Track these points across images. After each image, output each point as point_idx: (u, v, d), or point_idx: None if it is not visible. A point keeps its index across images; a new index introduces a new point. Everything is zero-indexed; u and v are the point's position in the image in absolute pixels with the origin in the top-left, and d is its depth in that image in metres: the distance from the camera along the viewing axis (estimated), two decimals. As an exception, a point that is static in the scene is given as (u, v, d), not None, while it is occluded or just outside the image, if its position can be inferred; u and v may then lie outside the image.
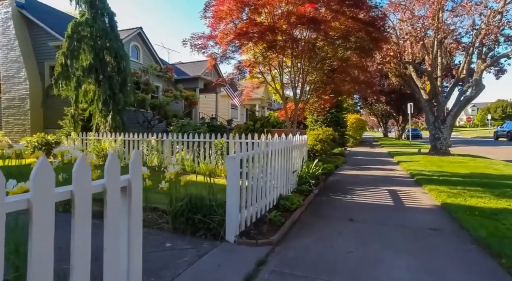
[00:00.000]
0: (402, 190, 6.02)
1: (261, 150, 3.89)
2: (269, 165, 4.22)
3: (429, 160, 10.97)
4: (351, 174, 8.19)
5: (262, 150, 3.96)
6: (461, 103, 12.55)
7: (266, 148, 4.11)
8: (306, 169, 6.02)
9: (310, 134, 10.04)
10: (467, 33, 12.29)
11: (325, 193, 5.71)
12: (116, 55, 9.67)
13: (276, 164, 4.60)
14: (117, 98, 9.62)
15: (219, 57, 7.79)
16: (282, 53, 6.95)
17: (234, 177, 3.11)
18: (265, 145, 4.04)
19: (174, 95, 13.71)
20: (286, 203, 4.45)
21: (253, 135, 7.22)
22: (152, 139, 7.85)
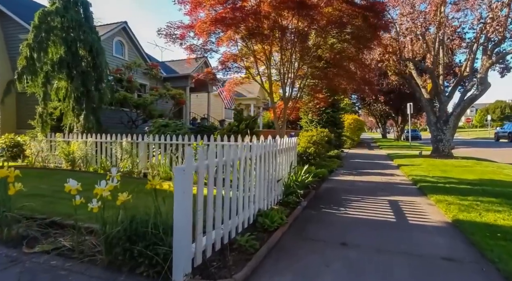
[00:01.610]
0: (405, 200, 5.22)
1: (230, 158, 3.08)
2: (243, 175, 3.41)
3: (432, 164, 10.20)
4: (347, 180, 7.40)
5: (232, 157, 3.15)
6: (465, 103, 11.79)
7: (238, 154, 3.31)
8: (294, 177, 5.22)
9: (303, 136, 9.25)
10: (470, 29, 11.55)
11: (316, 204, 4.91)
12: (91, 48, 8.82)
13: (254, 173, 3.80)
14: (91, 95, 8.77)
15: (199, 49, 6.98)
16: (267, 43, 6.14)
17: (183, 196, 2.30)
18: (236, 151, 3.24)
19: (160, 93, 12.87)
20: (265, 221, 3.65)
21: (236, 137, 6.41)
22: (124, 141, 7.02)
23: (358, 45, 6.61)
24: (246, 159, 3.51)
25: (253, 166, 3.69)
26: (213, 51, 7.11)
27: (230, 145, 3.41)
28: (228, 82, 8.18)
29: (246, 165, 3.52)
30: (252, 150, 3.70)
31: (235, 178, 3.20)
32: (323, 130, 10.75)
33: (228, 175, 3.04)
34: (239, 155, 3.32)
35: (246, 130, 6.93)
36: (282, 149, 5.06)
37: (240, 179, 3.35)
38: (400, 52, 13.00)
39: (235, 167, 3.20)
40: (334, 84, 7.61)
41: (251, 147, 3.79)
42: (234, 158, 3.19)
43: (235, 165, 3.20)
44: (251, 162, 3.66)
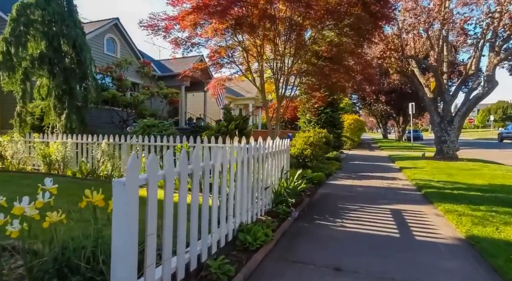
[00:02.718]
0: (409, 210, 4.67)
1: (199, 166, 2.54)
2: (217, 186, 2.87)
3: (436, 167, 9.64)
4: (345, 185, 6.85)
5: (202, 164, 2.61)
6: (471, 102, 11.22)
7: (210, 161, 2.77)
8: (285, 183, 4.67)
9: (299, 137, 8.70)
10: (477, 25, 10.98)
11: (309, 215, 4.37)
12: (75, 44, 8.31)
13: (234, 181, 3.26)
14: (75, 93, 8.26)
15: (184, 42, 6.43)
16: (257, 35, 5.59)
17: (124, 219, 1.75)
18: (207, 156, 2.69)
19: (151, 92, 12.34)
20: (247, 238, 3.10)
21: (224, 139, 5.87)
22: (103, 142, 6.49)
23: (357, 37, 6.03)
24: (223, 166, 2.97)
25: (232, 173, 3.14)
26: (201, 46, 6.59)
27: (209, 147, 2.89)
28: (215, 79, 7.62)
29: (223, 173, 2.98)
30: (232, 154, 3.16)
31: (206, 189, 2.66)
32: (321, 131, 10.20)
33: (196, 187, 2.49)
34: (211, 161, 2.77)
35: (238, 131, 6.40)
36: (272, 152, 4.52)
37: (214, 190, 2.81)
38: (402, 49, 12.43)
39: (206, 176, 2.66)
40: (331, 81, 7.04)
41: (225, 151, 3.26)
42: (205, 166, 2.64)
43: (206, 173, 2.66)
44: (230, 169, 3.12)
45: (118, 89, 12.46)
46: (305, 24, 5.56)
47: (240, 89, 30.32)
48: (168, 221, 2.15)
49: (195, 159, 2.49)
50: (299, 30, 5.71)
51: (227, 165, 3.02)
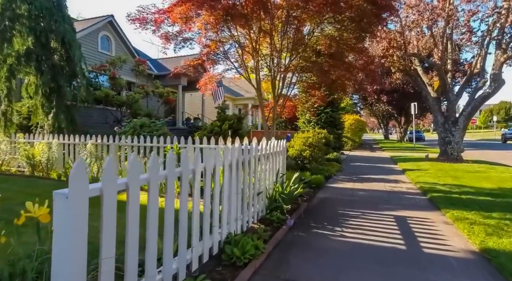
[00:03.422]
0: (415, 217, 4.31)
1: (174, 171, 2.18)
2: (197, 194, 2.52)
3: (441, 169, 9.26)
4: (345, 188, 6.48)
5: (179, 170, 2.25)
6: (477, 101, 10.83)
7: (190, 166, 2.41)
8: (280, 188, 4.31)
9: (298, 137, 8.34)
10: (482, 21, 10.59)
11: (306, 222, 4.00)
12: (64, 40, 7.97)
13: (223, 186, 2.92)
14: (63, 92, 7.92)
15: (174, 37, 6.07)
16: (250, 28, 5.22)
17: (70, 237, 1.40)
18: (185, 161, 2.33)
19: (146, 91, 12.00)
20: (234, 251, 2.75)
21: (217, 139, 5.52)
22: (89, 143, 6.14)
23: (359, 31, 5.64)
24: (206, 170, 2.61)
25: (217, 179, 2.78)
26: (194, 41, 6.21)
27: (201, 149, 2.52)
28: (207, 75, 7.25)
29: (206, 178, 2.62)
30: (218, 158, 2.80)
31: (183, 198, 2.30)
32: (321, 131, 9.84)
33: (170, 196, 2.14)
34: (192, 166, 2.41)
35: (232, 131, 6.04)
36: (266, 154, 4.16)
37: (194, 199, 2.45)
38: (405, 47, 12.06)
39: (184, 183, 2.30)
40: (331, 79, 6.67)
41: (208, 156, 2.92)
42: (183, 171, 2.28)
43: (184, 180, 2.30)
44: (215, 174, 2.76)
45: (112, 88, 12.14)
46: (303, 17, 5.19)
47: (239, 88, 30.02)
48: (132, 237, 1.79)
49: (169, 165, 2.13)
50: (296, 23, 5.34)
51: (211, 169, 2.67)
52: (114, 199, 1.66)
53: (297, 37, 5.64)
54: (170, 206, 2.12)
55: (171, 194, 2.14)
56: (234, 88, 29.99)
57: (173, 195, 2.18)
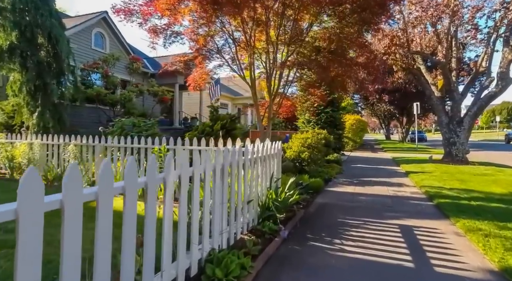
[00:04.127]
0: (422, 227, 3.91)
1: (136, 182, 1.78)
2: (170, 202, 2.13)
3: (446, 171, 8.86)
4: (346, 193, 6.09)
5: (143, 180, 1.86)
6: (483, 101, 10.42)
7: (157, 176, 2.03)
8: (273, 195, 3.91)
9: (296, 138, 7.95)
10: (489, 17, 10.18)
11: (301, 233, 3.61)
12: (50, 35, 7.59)
13: (204, 196, 2.54)
14: (49, 89, 7.54)
15: (162, 31, 5.68)
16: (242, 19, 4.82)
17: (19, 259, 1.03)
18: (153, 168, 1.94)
19: (140, 89, 11.62)
20: (216, 273, 2.37)
21: (208, 140, 5.14)
22: (71, 144, 5.76)
23: (361, 23, 5.20)
24: (182, 179, 2.22)
25: (195, 187, 2.39)
26: (185, 35, 5.80)
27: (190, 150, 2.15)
28: (196, 71, 6.83)
29: (182, 188, 2.23)
30: (196, 163, 2.41)
31: (150, 212, 1.91)
32: (321, 132, 9.45)
33: (130, 210, 1.75)
34: (162, 174, 2.02)
35: (224, 131, 5.65)
36: (258, 157, 3.77)
37: (166, 213, 2.06)
38: (408, 44, 11.65)
39: (150, 195, 1.91)
40: (330, 76, 6.26)
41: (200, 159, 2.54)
42: (148, 181, 1.89)
43: (151, 191, 1.91)
44: (193, 181, 2.38)
45: (106, 86, 11.77)
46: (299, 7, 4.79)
47: (239, 88, 29.65)
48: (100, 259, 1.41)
49: (128, 174, 1.74)
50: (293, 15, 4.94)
51: (187, 177, 2.27)
52: (78, 213, 1.37)
53: (294, 31, 5.24)
54: (129, 224, 1.73)
55: (152, 203, 1.75)
56: (234, 87, 29.63)
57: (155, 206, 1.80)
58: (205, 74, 6.55)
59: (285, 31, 5.35)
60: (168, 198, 2.05)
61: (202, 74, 6.52)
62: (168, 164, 2.07)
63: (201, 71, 6.47)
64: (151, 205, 1.88)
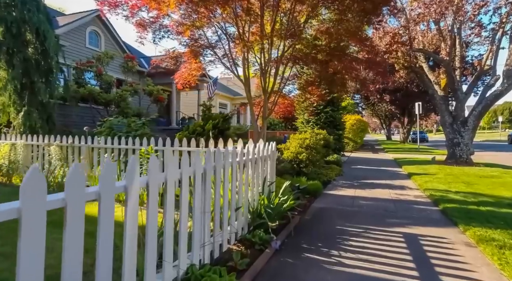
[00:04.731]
0: (428, 236, 3.57)
1: (83, 194, 1.46)
2: (134, 213, 1.80)
3: (450, 173, 8.51)
4: (346, 196, 5.76)
5: (93, 189, 1.54)
6: (488, 100, 10.07)
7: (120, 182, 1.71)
8: (266, 201, 3.58)
9: (294, 138, 7.63)
10: (495, 12, 9.83)
11: (296, 243, 3.28)
12: (38, 31, 7.29)
13: (181, 205, 2.21)
14: (36, 88, 7.23)
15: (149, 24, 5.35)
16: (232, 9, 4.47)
17: None
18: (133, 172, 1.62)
19: (134, 89, 11.31)
20: (192, 294, 2.04)
21: (198, 141, 4.81)
22: (54, 144, 5.44)
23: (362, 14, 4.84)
24: (149, 186, 1.89)
25: (167, 197, 2.07)
26: (170, 28, 5.45)
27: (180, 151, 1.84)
28: (184, 67, 6.48)
29: (151, 196, 1.90)
30: (169, 167, 2.09)
31: (106, 227, 1.58)
32: (320, 132, 9.12)
33: (73, 226, 1.42)
34: (123, 182, 1.70)
35: (217, 131, 5.33)
36: (249, 160, 3.44)
37: (126, 227, 1.73)
38: (410, 42, 11.31)
39: (104, 205, 1.59)
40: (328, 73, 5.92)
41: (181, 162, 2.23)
42: (101, 192, 1.56)
43: (101, 200, 1.58)
44: (166, 189, 2.05)
45: (101, 85, 11.47)
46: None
47: (238, 87, 29.31)
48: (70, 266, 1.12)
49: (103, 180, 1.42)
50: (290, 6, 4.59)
51: (156, 185, 1.94)
52: (41, 222, 1.21)
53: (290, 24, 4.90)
54: (73, 243, 1.41)
55: (107, 214, 1.42)
56: (233, 87, 29.30)
57: (112, 218, 1.48)
58: (194, 70, 6.20)
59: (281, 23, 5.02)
60: (130, 209, 1.72)
61: (191, 70, 6.15)
62: (132, 170, 1.74)
63: (190, 66, 6.11)
64: (105, 217, 1.55)
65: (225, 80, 29.57)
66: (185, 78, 6.23)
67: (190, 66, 6.02)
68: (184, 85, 6.54)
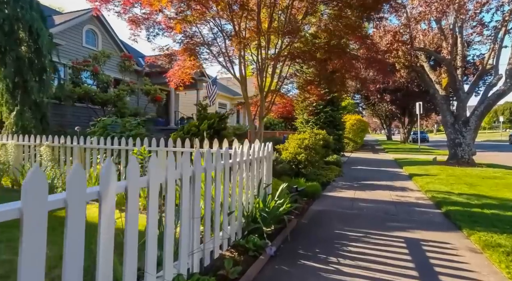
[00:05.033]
0: (431, 241, 3.41)
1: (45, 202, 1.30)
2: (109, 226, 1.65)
3: (452, 174, 8.35)
4: (345, 198, 5.60)
5: (62, 197, 1.38)
6: (490, 100, 9.90)
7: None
8: (261, 204, 3.43)
9: (293, 139, 7.48)
10: (498, 9, 9.66)
11: (292, 249, 3.13)
12: (31, 29, 7.14)
13: (165, 210, 2.06)
14: (29, 87, 7.08)
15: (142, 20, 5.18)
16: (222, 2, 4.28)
17: None
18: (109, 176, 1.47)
19: (131, 88, 11.15)
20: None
21: (192, 141, 4.66)
22: (45, 144, 5.29)
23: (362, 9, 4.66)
24: (129, 191, 1.73)
25: (150, 204, 1.91)
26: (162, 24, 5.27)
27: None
28: (177, 64, 6.30)
29: (128, 203, 1.74)
30: (151, 171, 1.93)
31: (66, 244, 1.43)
32: (319, 132, 8.96)
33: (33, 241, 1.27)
34: (98, 187, 1.54)
35: (210, 132, 5.17)
36: (243, 161, 3.29)
37: (101, 237, 1.57)
38: (411, 41, 11.14)
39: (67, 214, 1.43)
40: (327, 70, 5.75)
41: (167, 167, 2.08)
42: (69, 199, 1.41)
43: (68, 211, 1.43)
44: (148, 195, 1.89)
45: (98, 85, 11.32)
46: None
47: (237, 87, 29.10)
48: None
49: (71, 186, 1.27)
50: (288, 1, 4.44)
51: (136, 189, 1.78)
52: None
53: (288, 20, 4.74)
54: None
55: (76, 226, 1.27)
56: (233, 87, 29.12)
57: (82, 229, 1.33)
58: (188, 69, 6.02)
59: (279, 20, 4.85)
60: (105, 219, 1.56)
61: (185, 68, 5.97)
62: (107, 175, 1.58)
63: (183, 64, 5.94)
64: (73, 229, 1.40)
65: (225, 80, 29.39)
66: (179, 77, 6.05)
67: (184, 64, 5.84)
68: (178, 84, 6.39)
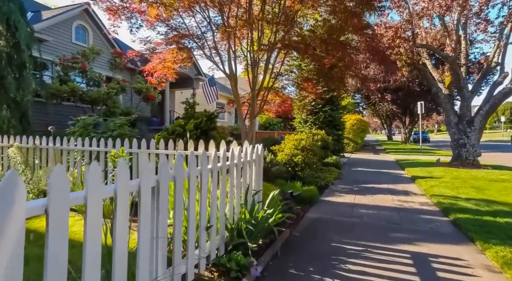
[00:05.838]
0: (440, 256, 2.99)
1: None
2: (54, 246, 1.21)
3: (457, 176, 7.93)
4: (344, 204, 5.17)
5: None
6: (496, 99, 9.49)
7: None
8: (247, 215, 2.99)
9: (289, 140, 7.06)
10: (505, 5, 9.24)
11: (282, 267, 2.70)
12: (8, 22, 6.71)
13: (114, 229, 1.63)
14: (6, 84, 6.65)
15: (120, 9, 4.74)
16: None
17: None
18: None
19: (121, 86, 10.71)
20: None
21: (175, 142, 4.24)
22: (15, 145, 4.86)
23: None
24: (50, 210, 1.30)
25: (87, 220, 1.48)
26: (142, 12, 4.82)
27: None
28: (156, 57, 5.81)
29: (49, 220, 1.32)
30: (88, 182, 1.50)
31: None
32: (318, 132, 8.54)
33: None
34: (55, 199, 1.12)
35: (196, 132, 4.75)
36: (225, 166, 2.86)
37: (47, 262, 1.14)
38: (413, 37, 10.72)
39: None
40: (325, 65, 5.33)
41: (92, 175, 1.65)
42: None
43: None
44: (85, 211, 1.46)
45: (88, 82, 10.87)
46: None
47: (235, 87, 28.68)
48: None
49: None
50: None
51: (66, 207, 1.35)
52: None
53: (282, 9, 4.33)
54: None
55: None
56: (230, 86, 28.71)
57: None
58: (170, 62, 5.56)
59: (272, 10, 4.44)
60: (50, 243, 1.13)
61: (166, 61, 5.49)
62: (57, 185, 1.15)
63: (163, 57, 5.46)
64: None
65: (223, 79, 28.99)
66: (160, 71, 5.58)
67: (164, 57, 5.39)
68: (160, 80, 5.94)
